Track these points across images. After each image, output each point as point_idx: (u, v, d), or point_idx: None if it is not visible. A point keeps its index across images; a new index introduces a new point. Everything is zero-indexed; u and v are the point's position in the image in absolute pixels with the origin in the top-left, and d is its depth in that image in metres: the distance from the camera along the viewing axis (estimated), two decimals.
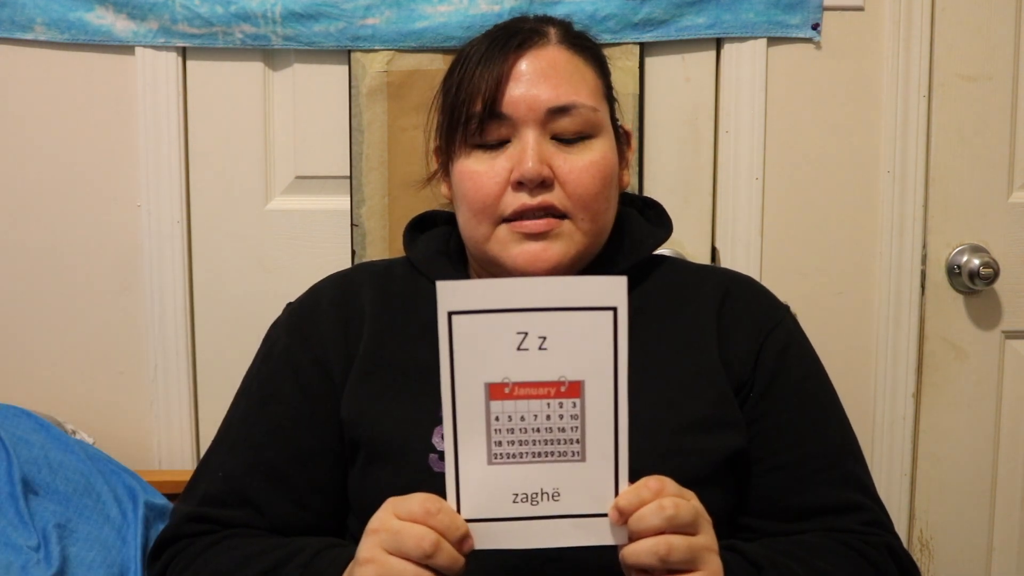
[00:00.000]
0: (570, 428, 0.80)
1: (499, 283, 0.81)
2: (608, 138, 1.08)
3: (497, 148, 1.05)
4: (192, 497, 1.05)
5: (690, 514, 0.80)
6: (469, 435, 0.80)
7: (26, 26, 1.47)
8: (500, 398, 0.80)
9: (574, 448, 0.81)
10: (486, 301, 0.79)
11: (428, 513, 0.80)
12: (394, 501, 0.83)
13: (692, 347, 1.06)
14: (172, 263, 1.52)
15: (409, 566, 0.79)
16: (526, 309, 0.79)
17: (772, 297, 1.14)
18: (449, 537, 0.79)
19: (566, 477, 0.81)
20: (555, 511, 0.81)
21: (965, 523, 1.63)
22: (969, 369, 1.61)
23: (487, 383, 0.79)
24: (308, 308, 1.12)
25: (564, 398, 0.80)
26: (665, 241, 1.15)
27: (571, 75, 1.07)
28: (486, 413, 0.80)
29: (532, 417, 0.80)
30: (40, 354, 1.54)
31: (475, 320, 0.78)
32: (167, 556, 1.02)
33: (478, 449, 0.80)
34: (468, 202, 1.06)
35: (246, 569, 0.95)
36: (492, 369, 0.79)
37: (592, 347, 0.79)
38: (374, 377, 1.05)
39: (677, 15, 1.49)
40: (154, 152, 1.51)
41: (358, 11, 1.47)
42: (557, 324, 0.79)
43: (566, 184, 1.03)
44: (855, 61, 1.54)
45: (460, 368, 0.79)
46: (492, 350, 0.79)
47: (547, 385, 0.80)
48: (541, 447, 0.81)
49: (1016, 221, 1.59)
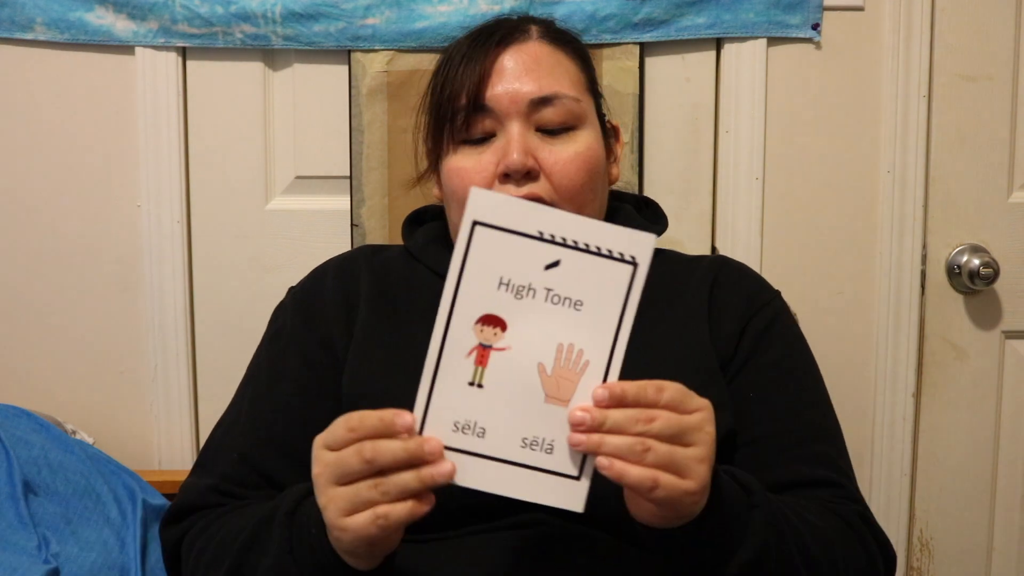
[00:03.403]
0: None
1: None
2: (593, 130, 1.09)
3: (483, 143, 1.07)
4: (210, 473, 1.05)
5: (674, 428, 0.78)
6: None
7: (26, 26, 1.47)
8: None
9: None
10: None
11: (352, 429, 0.77)
12: (321, 438, 0.80)
13: (684, 330, 1.07)
14: (172, 263, 1.52)
15: (363, 484, 0.77)
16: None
17: (762, 281, 1.16)
18: (386, 436, 0.77)
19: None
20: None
21: (965, 523, 1.63)
22: (969, 369, 1.61)
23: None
24: (311, 288, 1.14)
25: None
26: (660, 235, 1.15)
27: (552, 67, 1.09)
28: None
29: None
30: (40, 354, 1.54)
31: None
32: (189, 522, 1.03)
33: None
34: (457, 198, 1.07)
35: (245, 530, 0.95)
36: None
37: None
38: (370, 358, 1.06)
39: (677, 15, 1.49)
40: (154, 152, 1.51)
41: (358, 11, 1.47)
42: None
43: (552, 175, 1.05)
44: (855, 61, 1.54)
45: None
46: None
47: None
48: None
49: (1016, 221, 1.59)
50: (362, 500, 0.77)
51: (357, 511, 0.77)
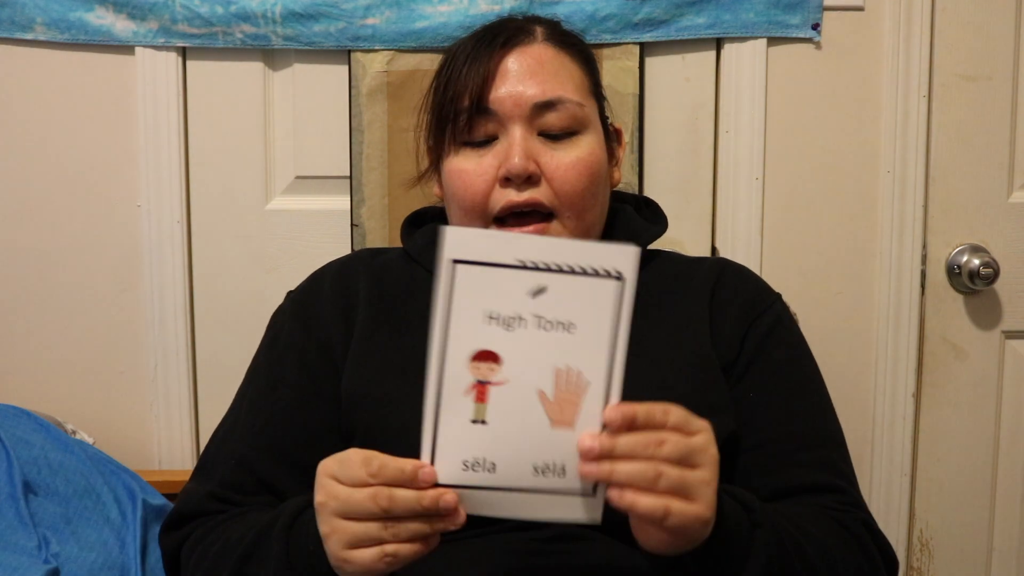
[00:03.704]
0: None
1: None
2: (596, 134, 1.09)
3: (485, 145, 1.07)
4: (209, 479, 1.05)
5: (682, 450, 0.78)
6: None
7: (26, 26, 1.47)
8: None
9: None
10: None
11: (371, 475, 0.77)
12: (332, 468, 0.80)
13: (685, 332, 1.07)
14: (172, 263, 1.52)
15: (373, 524, 0.77)
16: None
17: (763, 284, 1.15)
18: (403, 485, 0.77)
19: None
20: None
21: (965, 523, 1.63)
22: (969, 369, 1.61)
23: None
24: (309, 293, 1.14)
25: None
26: (660, 236, 1.15)
27: (557, 71, 1.08)
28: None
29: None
30: (40, 354, 1.54)
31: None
32: (189, 528, 1.03)
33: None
34: (458, 200, 1.07)
35: (244, 541, 0.95)
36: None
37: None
38: (369, 361, 1.06)
39: (677, 15, 1.49)
40: (154, 152, 1.51)
41: (358, 11, 1.47)
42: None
43: (553, 180, 1.04)
44: (855, 61, 1.54)
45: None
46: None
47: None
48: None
49: (1016, 221, 1.59)
50: (370, 538, 0.77)
51: (363, 547, 0.78)
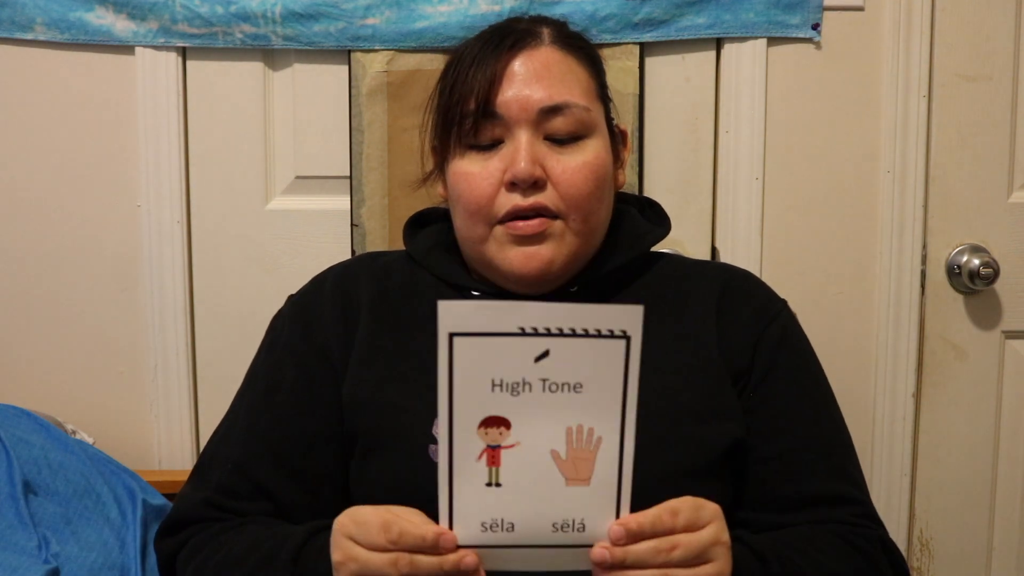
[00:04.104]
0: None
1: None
2: (602, 138, 1.09)
3: (491, 149, 1.06)
4: (205, 484, 1.05)
5: (694, 550, 0.81)
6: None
7: (26, 26, 1.47)
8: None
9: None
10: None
11: (392, 542, 0.80)
12: (350, 529, 0.84)
13: (692, 339, 1.07)
14: (172, 263, 1.52)
15: None
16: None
17: (770, 291, 1.15)
18: (424, 552, 0.80)
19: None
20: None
21: (965, 523, 1.63)
22: (969, 369, 1.61)
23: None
24: (310, 298, 1.14)
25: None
26: (664, 238, 1.15)
27: (564, 75, 1.07)
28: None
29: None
30: (40, 354, 1.54)
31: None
32: (185, 535, 1.03)
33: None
34: (463, 203, 1.06)
35: (244, 566, 0.95)
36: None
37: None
38: (372, 366, 1.06)
39: (677, 15, 1.49)
40: (154, 152, 1.51)
41: (358, 11, 1.47)
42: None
43: (558, 185, 1.04)
44: (855, 61, 1.54)
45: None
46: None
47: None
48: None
49: (1016, 221, 1.59)
50: None
51: None
